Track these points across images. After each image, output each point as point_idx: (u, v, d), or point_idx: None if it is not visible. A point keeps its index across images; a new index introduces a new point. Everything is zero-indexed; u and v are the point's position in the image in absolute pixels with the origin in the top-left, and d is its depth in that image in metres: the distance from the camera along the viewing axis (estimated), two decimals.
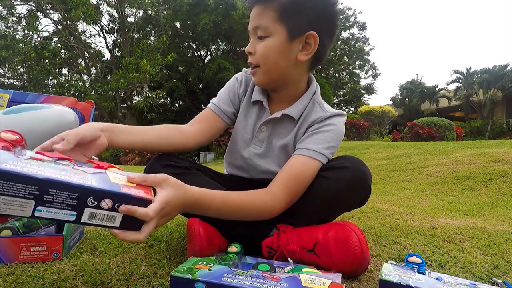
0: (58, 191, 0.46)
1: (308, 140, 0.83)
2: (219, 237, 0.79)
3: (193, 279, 0.55)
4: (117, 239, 0.92)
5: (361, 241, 0.71)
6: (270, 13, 0.78)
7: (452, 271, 0.78)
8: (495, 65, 18.31)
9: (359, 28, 20.68)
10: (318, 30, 0.80)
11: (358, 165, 0.78)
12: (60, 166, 0.50)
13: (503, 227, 1.16)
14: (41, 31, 11.87)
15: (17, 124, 0.78)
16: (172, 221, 1.15)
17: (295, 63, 0.83)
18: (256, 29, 0.81)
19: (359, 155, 4.15)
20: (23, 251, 0.74)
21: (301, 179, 0.78)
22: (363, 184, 0.78)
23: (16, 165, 0.44)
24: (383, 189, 2.27)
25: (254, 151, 0.91)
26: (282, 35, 0.79)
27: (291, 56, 0.81)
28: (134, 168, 4.00)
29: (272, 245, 0.78)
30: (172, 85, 14.56)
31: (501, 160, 2.44)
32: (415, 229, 1.09)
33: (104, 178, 0.51)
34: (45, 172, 0.46)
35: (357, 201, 0.82)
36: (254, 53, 0.83)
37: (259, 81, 0.87)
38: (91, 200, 0.48)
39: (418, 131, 8.23)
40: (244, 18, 13.76)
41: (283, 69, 0.83)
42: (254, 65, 0.84)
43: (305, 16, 0.79)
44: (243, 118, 0.93)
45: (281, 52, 0.80)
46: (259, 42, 0.82)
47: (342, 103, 22.35)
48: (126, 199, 0.50)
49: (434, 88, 20.71)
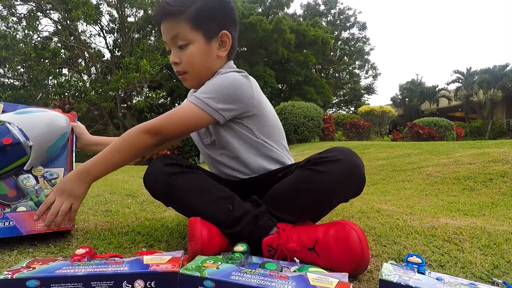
0: (98, 282, 0.56)
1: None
2: (220, 236, 0.79)
3: (201, 277, 0.55)
4: (117, 239, 0.93)
5: (361, 240, 0.71)
6: (183, 24, 0.89)
7: (452, 271, 0.78)
8: (495, 65, 18.34)
9: (359, 28, 20.72)
10: (227, 28, 0.93)
11: (350, 156, 0.80)
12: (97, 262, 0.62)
13: (503, 227, 1.16)
14: (41, 31, 11.90)
15: (26, 121, 0.91)
16: (172, 221, 1.15)
17: (217, 59, 0.94)
18: (174, 39, 0.90)
19: (359, 155, 4.12)
20: (39, 222, 0.86)
21: (173, 116, 0.87)
22: (357, 174, 0.79)
23: (67, 270, 0.57)
24: (383, 189, 2.27)
25: (205, 143, 1.00)
26: (200, 40, 0.90)
27: (212, 56, 0.93)
28: (134, 168, 4.00)
29: (272, 243, 0.78)
30: (172, 85, 14.57)
31: (501, 160, 2.44)
32: (415, 229, 1.09)
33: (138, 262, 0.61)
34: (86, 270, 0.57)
35: (352, 192, 0.83)
36: (180, 62, 0.93)
37: (191, 85, 0.98)
38: (126, 284, 0.56)
39: (418, 131, 8.23)
40: (244, 18, 13.78)
41: (208, 68, 0.94)
42: (182, 72, 0.94)
43: (214, 19, 0.91)
44: None
45: (204, 55, 0.92)
46: (181, 51, 0.92)
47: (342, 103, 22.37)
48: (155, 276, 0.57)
49: (434, 88, 20.73)
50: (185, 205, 0.85)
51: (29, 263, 0.62)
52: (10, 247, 0.85)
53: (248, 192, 0.91)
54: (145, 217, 1.23)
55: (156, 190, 0.87)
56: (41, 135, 0.91)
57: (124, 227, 1.06)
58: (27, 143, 0.88)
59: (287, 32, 14.79)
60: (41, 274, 0.55)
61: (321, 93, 16.63)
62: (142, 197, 1.65)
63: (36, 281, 0.54)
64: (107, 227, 1.06)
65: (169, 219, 1.19)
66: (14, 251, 0.83)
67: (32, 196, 0.89)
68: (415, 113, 19.75)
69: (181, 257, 0.64)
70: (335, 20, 20.91)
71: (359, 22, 20.65)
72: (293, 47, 15.79)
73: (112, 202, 1.50)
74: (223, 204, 0.82)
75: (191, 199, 0.82)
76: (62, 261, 0.63)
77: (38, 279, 0.55)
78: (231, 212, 0.80)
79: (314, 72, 18.51)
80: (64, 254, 0.83)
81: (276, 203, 0.83)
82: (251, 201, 0.87)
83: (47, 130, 0.93)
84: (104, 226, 1.08)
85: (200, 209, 0.82)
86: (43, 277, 0.55)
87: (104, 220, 1.16)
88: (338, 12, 20.89)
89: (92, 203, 1.43)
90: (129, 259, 0.63)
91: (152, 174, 0.86)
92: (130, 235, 0.97)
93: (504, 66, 17.50)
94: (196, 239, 0.75)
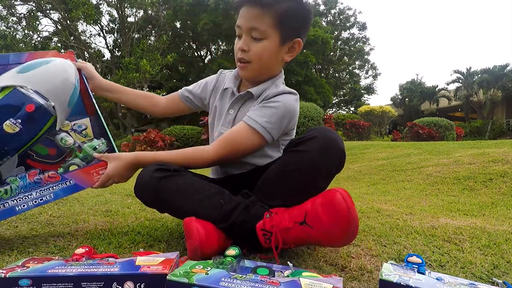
0: (88, 283, 0.56)
1: (254, 110, 0.92)
2: (216, 232, 0.79)
3: (189, 283, 0.54)
4: (117, 239, 0.93)
5: (345, 199, 0.72)
6: (268, 18, 0.88)
7: (452, 271, 0.78)
8: (495, 65, 18.33)
9: (359, 28, 20.70)
10: (301, 36, 0.94)
11: (326, 132, 0.81)
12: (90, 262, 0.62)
13: (503, 227, 1.16)
14: (41, 31, 11.88)
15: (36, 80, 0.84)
16: (172, 221, 1.15)
17: (281, 62, 0.97)
18: (253, 29, 0.90)
19: (359, 155, 4.15)
20: (94, 175, 0.90)
21: (234, 140, 0.89)
22: (335, 147, 0.80)
23: (59, 269, 0.57)
24: (383, 189, 2.27)
25: (222, 133, 0.98)
26: (275, 39, 0.91)
27: (279, 57, 0.95)
28: None
29: (265, 226, 0.78)
30: (172, 85, 14.56)
31: (501, 160, 2.44)
32: (415, 229, 1.09)
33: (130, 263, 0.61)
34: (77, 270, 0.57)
35: (335, 167, 0.83)
36: (248, 50, 0.92)
37: (247, 75, 0.98)
38: (115, 285, 0.56)
39: (418, 131, 8.22)
40: None
41: (271, 67, 0.96)
42: (245, 60, 0.93)
43: (295, 25, 0.92)
44: (218, 106, 1.04)
45: (273, 54, 0.93)
46: (253, 42, 0.91)
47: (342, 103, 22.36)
48: (145, 277, 0.57)
49: (434, 88, 20.72)
50: (177, 207, 0.84)
51: (24, 262, 0.62)
52: (10, 247, 0.85)
53: (239, 187, 0.92)
54: (145, 217, 1.23)
55: (147, 197, 0.86)
56: (58, 91, 0.86)
57: (124, 227, 1.06)
58: (49, 104, 0.84)
59: None
60: (33, 274, 0.56)
61: (321, 93, 16.63)
62: None
63: (28, 280, 0.55)
64: (107, 227, 1.06)
65: (169, 219, 1.19)
66: (14, 251, 0.83)
67: (76, 152, 0.89)
68: (415, 113, 19.75)
69: (174, 259, 0.64)
70: (335, 20, 20.89)
71: (359, 22, 20.64)
72: None
73: (112, 202, 1.50)
74: (214, 200, 0.82)
75: (182, 200, 0.82)
76: (57, 260, 0.63)
77: (30, 278, 0.55)
78: (222, 207, 0.80)
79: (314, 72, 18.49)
80: (64, 254, 0.83)
81: (265, 191, 0.84)
82: (242, 194, 0.88)
83: (61, 83, 0.88)
84: (104, 226, 1.08)
85: (192, 208, 0.82)
86: (34, 276, 0.55)
87: (104, 220, 1.16)
88: (338, 12, 20.87)
89: (92, 203, 1.43)
90: (122, 260, 0.63)
91: (142, 182, 0.85)
92: (130, 235, 0.97)
93: (504, 66, 17.50)
94: (193, 236, 0.75)
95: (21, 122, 0.79)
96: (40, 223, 1.08)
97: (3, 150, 0.78)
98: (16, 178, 0.77)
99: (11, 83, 0.82)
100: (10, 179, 0.77)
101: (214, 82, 1.08)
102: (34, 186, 0.78)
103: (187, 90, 1.12)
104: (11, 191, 0.75)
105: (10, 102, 0.80)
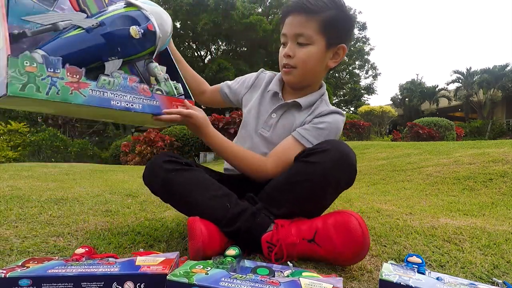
0: (88, 283, 0.56)
1: (307, 130, 0.93)
2: (219, 234, 0.80)
3: (189, 283, 0.54)
4: (117, 239, 0.93)
5: (361, 225, 0.72)
6: (314, 24, 0.90)
7: (452, 271, 0.78)
8: (495, 65, 18.33)
9: (359, 28, 20.67)
10: (345, 43, 0.95)
11: (340, 146, 0.81)
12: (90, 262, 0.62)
13: (503, 227, 1.16)
14: None
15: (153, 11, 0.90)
16: (172, 221, 1.15)
17: (325, 68, 0.97)
18: (298, 36, 0.91)
19: (359, 155, 4.15)
20: (174, 108, 0.89)
21: (290, 160, 0.89)
22: (348, 162, 0.80)
23: (59, 269, 0.57)
24: (383, 189, 2.27)
25: (262, 135, 1.00)
26: (321, 45, 0.92)
27: (324, 63, 0.95)
28: (134, 168, 4.00)
29: (271, 239, 0.78)
30: None
31: (501, 160, 2.44)
32: (415, 229, 1.09)
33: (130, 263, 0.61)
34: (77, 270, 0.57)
35: (344, 181, 0.83)
36: (293, 56, 0.93)
37: (292, 81, 0.98)
38: (115, 285, 0.56)
39: (418, 131, 8.22)
40: (244, 18, 13.77)
41: (315, 73, 0.97)
42: (291, 66, 0.94)
43: (340, 30, 0.93)
44: (257, 105, 1.03)
45: (318, 59, 0.93)
46: (299, 48, 0.92)
47: (342, 103, 22.34)
48: (145, 277, 0.57)
49: (434, 88, 20.72)
50: (183, 202, 0.85)
51: (24, 262, 0.62)
52: (10, 247, 0.85)
53: (249, 186, 0.93)
54: (145, 217, 1.23)
55: (154, 187, 0.88)
56: (162, 29, 0.91)
57: (124, 227, 1.06)
58: (159, 34, 0.89)
59: None
60: (33, 274, 0.56)
61: None
62: (142, 197, 1.65)
63: (28, 280, 0.55)
64: (107, 227, 1.06)
65: (169, 219, 1.19)
66: (14, 251, 0.83)
67: (160, 83, 0.91)
68: (415, 113, 19.75)
69: (174, 259, 0.64)
70: None
71: (359, 22, 20.62)
72: None
73: (112, 202, 1.50)
74: (221, 202, 0.82)
75: (189, 196, 0.83)
76: (57, 260, 0.63)
77: (30, 278, 0.55)
78: (229, 210, 0.81)
79: None
80: (63, 254, 0.83)
81: (272, 198, 0.84)
82: (247, 198, 0.88)
83: (166, 24, 0.93)
84: (104, 226, 1.08)
85: (197, 206, 0.82)
86: (34, 276, 0.55)
87: (104, 220, 1.16)
88: None
89: (92, 203, 1.43)
90: (122, 260, 0.63)
91: (151, 171, 0.87)
92: (130, 235, 0.97)
93: (504, 66, 17.50)
94: (197, 237, 0.75)
95: (142, 33, 0.85)
96: (40, 223, 1.08)
97: (116, 49, 0.83)
98: (120, 76, 0.81)
99: (138, 4, 0.89)
100: (115, 74, 0.81)
101: (253, 80, 1.09)
102: (130, 90, 0.81)
103: (227, 85, 1.14)
104: (113, 84, 0.79)
105: (135, 16, 0.87)
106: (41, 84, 0.68)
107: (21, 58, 0.66)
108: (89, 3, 0.85)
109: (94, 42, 0.79)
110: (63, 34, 0.78)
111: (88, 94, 0.74)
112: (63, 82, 0.71)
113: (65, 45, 0.76)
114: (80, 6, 0.83)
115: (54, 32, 0.78)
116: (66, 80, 0.71)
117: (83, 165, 3.97)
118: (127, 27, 0.83)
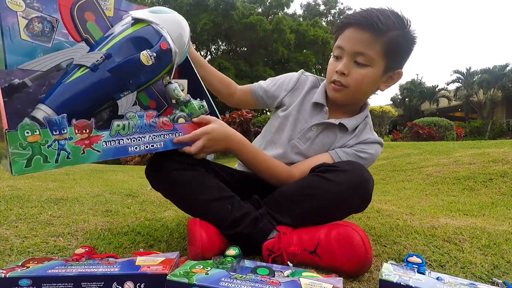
0: (88, 283, 0.56)
1: (347, 151, 0.92)
2: (219, 237, 0.79)
3: (189, 284, 0.54)
4: (117, 239, 0.93)
5: (364, 242, 0.71)
6: (378, 45, 0.83)
7: (452, 271, 0.78)
8: (495, 65, 18.35)
9: None
10: (402, 68, 0.91)
11: (360, 170, 0.79)
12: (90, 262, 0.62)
13: (503, 227, 1.16)
14: None
15: (166, 23, 0.80)
16: (172, 221, 1.15)
17: (376, 90, 0.95)
18: (358, 54, 0.84)
19: None
20: None
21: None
22: (364, 189, 0.78)
23: (59, 269, 0.57)
24: (383, 189, 2.27)
25: (297, 146, 0.96)
26: (379, 69, 0.86)
27: (377, 86, 0.91)
28: (134, 168, 4.00)
29: (273, 247, 0.77)
30: None
31: (501, 160, 2.44)
32: (415, 229, 1.09)
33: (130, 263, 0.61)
34: (77, 270, 0.57)
35: (355, 207, 0.82)
36: (347, 75, 0.87)
37: (341, 99, 0.92)
38: (115, 285, 0.56)
39: (418, 131, 8.22)
40: (244, 18, 13.76)
41: (366, 94, 0.94)
42: (342, 84, 0.88)
43: (401, 56, 0.88)
44: (295, 113, 0.98)
45: (373, 82, 0.88)
46: (355, 67, 0.86)
47: None
48: (145, 277, 0.57)
49: (434, 88, 20.74)
50: (184, 201, 0.84)
51: (24, 262, 0.62)
52: (10, 247, 0.85)
53: (259, 186, 0.92)
54: (145, 217, 1.23)
55: (156, 184, 0.86)
56: (179, 40, 0.81)
57: (124, 227, 1.06)
58: (175, 49, 0.79)
59: (287, 32, 14.78)
60: (33, 274, 0.56)
61: None
62: (142, 197, 1.65)
63: (28, 280, 0.55)
64: (107, 227, 1.06)
65: (169, 219, 1.19)
66: (14, 251, 0.83)
67: (182, 107, 0.82)
68: (415, 113, 19.76)
69: (174, 259, 0.64)
70: (335, 20, 20.88)
71: None
72: (293, 47, 15.78)
73: (112, 202, 1.50)
74: (223, 204, 0.81)
75: (191, 196, 0.82)
76: (57, 260, 0.63)
77: (30, 278, 0.55)
78: (231, 213, 0.80)
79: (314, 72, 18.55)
80: (63, 254, 0.83)
81: (279, 206, 0.83)
82: (251, 201, 0.87)
83: (184, 31, 0.82)
84: (104, 226, 1.08)
85: (199, 207, 0.81)
86: (34, 276, 0.55)
87: (104, 220, 1.16)
88: (338, 12, 20.86)
89: (92, 203, 1.43)
90: (122, 260, 0.63)
91: (154, 168, 0.84)
92: (130, 235, 0.97)
93: (504, 66, 17.51)
94: (196, 242, 0.74)
95: (155, 56, 0.75)
96: (40, 223, 1.07)
97: (128, 83, 0.74)
98: (135, 115, 0.71)
99: (146, 18, 0.78)
100: (130, 115, 0.71)
101: (293, 82, 1.02)
102: (148, 129, 0.72)
103: (261, 88, 1.06)
104: (129, 128, 0.70)
105: (144, 35, 0.76)
106: (48, 153, 0.61)
107: (20, 129, 0.58)
108: (91, 29, 0.77)
109: (102, 82, 0.70)
110: (65, 78, 0.69)
111: (102, 147, 0.67)
112: (72, 143, 0.63)
113: (69, 92, 0.68)
114: (82, 36, 0.75)
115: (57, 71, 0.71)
116: (75, 139, 0.63)
117: (83, 165, 3.97)
118: (137, 54, 0.74)
